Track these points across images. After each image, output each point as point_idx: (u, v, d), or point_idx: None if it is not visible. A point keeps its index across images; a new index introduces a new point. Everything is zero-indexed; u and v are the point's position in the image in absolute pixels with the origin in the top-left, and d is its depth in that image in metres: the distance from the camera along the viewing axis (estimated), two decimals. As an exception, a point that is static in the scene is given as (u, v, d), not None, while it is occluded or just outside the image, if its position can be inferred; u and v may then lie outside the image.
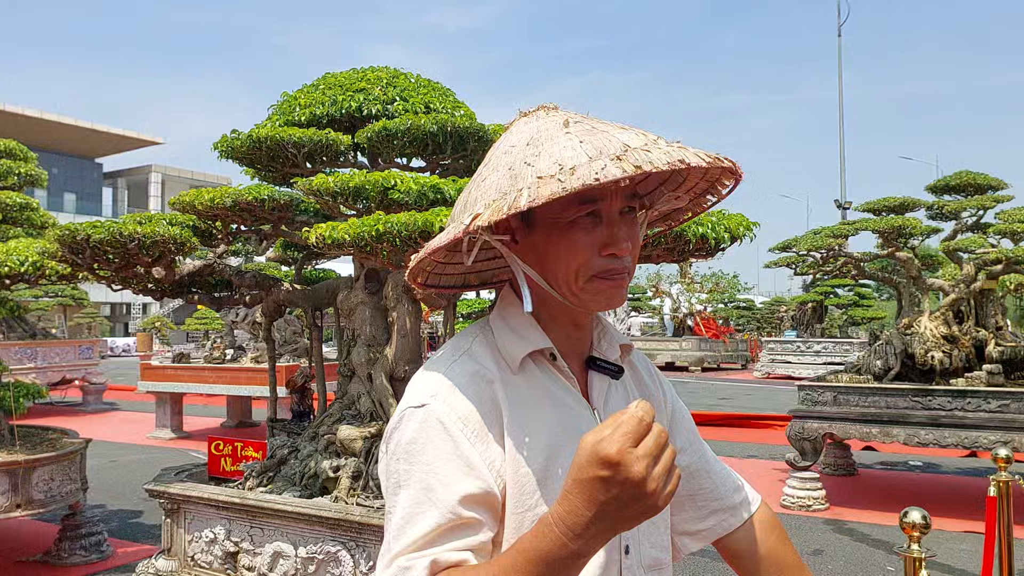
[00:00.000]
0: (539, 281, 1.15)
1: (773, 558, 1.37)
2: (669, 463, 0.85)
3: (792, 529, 6.37)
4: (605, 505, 0.84)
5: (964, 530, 6.18)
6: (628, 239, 1.10)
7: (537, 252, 1.14)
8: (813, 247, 8.03)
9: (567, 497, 0.87)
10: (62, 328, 24.53)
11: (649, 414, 0.85)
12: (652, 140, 1.01)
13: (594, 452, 0.83)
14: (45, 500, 5.23)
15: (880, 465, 9.18)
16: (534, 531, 0.90)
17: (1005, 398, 6.50)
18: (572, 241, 1.09)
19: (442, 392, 1.08)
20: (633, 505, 0.84)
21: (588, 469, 0.84)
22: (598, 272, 1.10)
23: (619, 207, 1.10)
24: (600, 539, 0.87)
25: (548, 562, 0.88)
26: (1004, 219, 7.67)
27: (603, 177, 0.93)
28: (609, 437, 0.83)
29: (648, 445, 0.83)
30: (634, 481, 0.82)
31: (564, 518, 0.86)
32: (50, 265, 4.80)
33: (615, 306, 1.15)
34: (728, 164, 1.05)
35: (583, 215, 1.09)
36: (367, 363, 3.98)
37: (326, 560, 3.53)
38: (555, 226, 1.10)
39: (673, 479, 0.86)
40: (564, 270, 1.11)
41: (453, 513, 1.00)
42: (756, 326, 32.07)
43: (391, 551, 1.01)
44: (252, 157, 3.91)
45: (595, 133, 1.02)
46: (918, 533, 2.40)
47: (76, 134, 45.56)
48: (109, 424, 12.77)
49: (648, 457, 0.83)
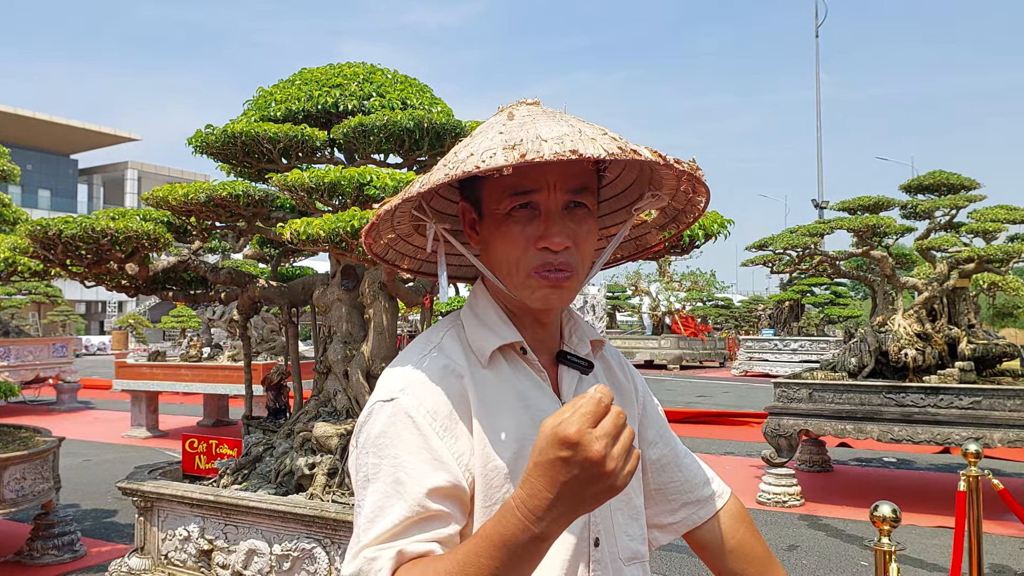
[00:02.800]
0: (486, 272, 1.17)
1: (743, 550, 1.38)
2: (628, 443, 0.86)
3: (767, 525, 6.42)
4: (566, 486, 0.85)
5: (936, 525, 6.26)
6: (564, 234, 1.09)
7: (486, 244, 1.16)
8: (789, 245, 8.09)
9: (528, 480, 0.88)
10: (36, 326, 24.24)
11: (607, 396, 0.86)
12: (576, 131, 0.98)
13: (554, 434, 0.84)
14: (17, 499, 5.16)
15: (855, 461, 9.27)
16: (496, 516, 0.90)
17: (977, 395, 6.58)
18: (508, 232, 1.11)
19: (411, 386, 1.09)
20: (593, 485, 0.85)
21: (548, 451, 0.85)
22: (536, 267, 1.10)
23: (560, 201, 1.10)
24: (562, 521, 0.88)
25: (511, 546, 0.88)
26: (976, 218, 7.77)
27: (484, 165, 0.94)
28: (568, 419, 0.84)
29: (606, 426, 0.84)
30: (593, 460, 0.83)
31: (526, 501, 0.87)
32: (22, 261, 4.74)
33: (555, 307, 1.15)
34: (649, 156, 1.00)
35: (517, 207, 1.10)
36: (343, 360, 3.96)
37: (301, 557, 3.51)
38: (495, 218, 1.12)
39: (632, 459, 0.87)
40: (505, 262, 1.13)
41: (421, 506, 1.01)
42: (734, 324, 32.27)
43: (359, 543, 1.01)
44: (227, 153, 3.88)
45: (524, 126, 1.02)
46: (888, 526, 2.43)
47: (51, 130, 44.95)
48: (83, 423, 12.62)
49: (607, 437, 0.84)
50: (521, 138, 0.97)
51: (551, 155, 0.93)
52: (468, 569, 0.90)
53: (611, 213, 1.31)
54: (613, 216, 1.31)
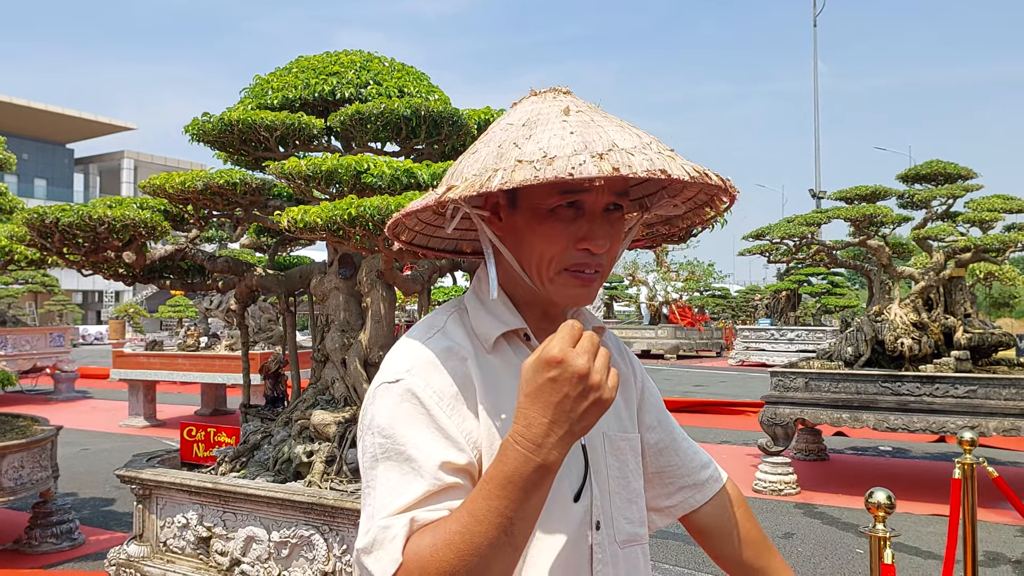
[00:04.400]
0: (511, 262, 1.15)
1: (738, 534, 1.40)
2: (607, 360, 0.91)
3: (763, 513, 6.45)
4: (559, 406, 0.89)
5: (932, 513, 6.30)
6: (606, 237, 1.10)
7: (516, 233, 1.13)
8: (786, 235, 8.10)
9: (521, 412, 0.91)
10: (33, 315, 24.19)
11: (579, 326, 0.91)
12: (645, 143, 1.00)
13: (538, 359, 0.90)
14: (15, 488, 5.17)
15: (851, 450, 9.31)
16: (497, 457, 0.92)
17: (972, 384, 6.61)
18: (550, 229, 1.09)
19: (416, 367, 1.09)
20: (584, 399, 0.89)
21: (536, 376, 0.90)
22: (570, 265, 1.10)
23: (604, 203, 1.10)
24: (561, 447, 0.90)
25: (515, 481, 0.90)
26: (973, 208, 7.78)
27: (577, 173, 0.93)
28: (549, 343, 0.90)
29: (584, 344, 0.90)
30: (580, 373, 0.88)
31: (523, 433, 0.90)
32: (19, 250, 4.73)
33: (581, 304, 1.15)
34: (717, 181, 1.02)
35: (564, 205, 1.08)
36: (341, 348, 3.97)
37: (299, 544, 3.52)
38: (536, 211, 1.10)
39: (613, 374, 0.91)
40: (538, 256, 1.11)
41: (436, 479, 1.01)
42: (731, 314, 32.32)
43: (375, 520, 1.00)
44: (224, 141, 3.87)
45: (590, 126, 1.01)
46: (883, 513, 2.45)
47: (46, 119, 44.76)
48: (81, 412, 12.64)
49: (587, 353, 0.89)
50: (605, 147, 0.96)
51: (644, 172, 0.94)
52: (478, 515, 0.91)
53: None
54: None
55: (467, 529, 0.91)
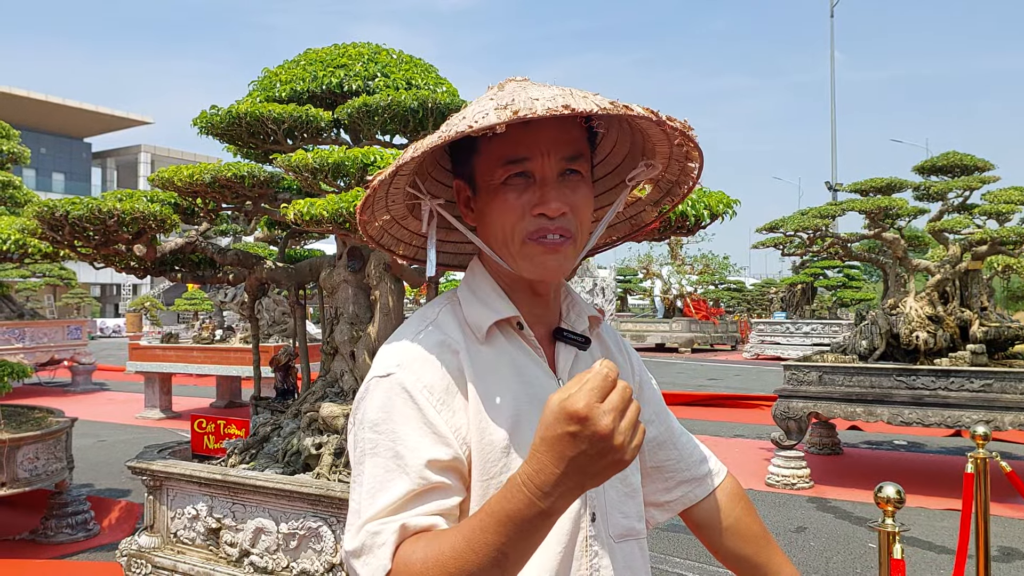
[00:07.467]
0: (482, 247, 1.17)
1: (739, 528, 1.38)
2: (634, 417, 0.86)
3: (776, 507, 6.42)
4: (574, 461, 0.85)
5: (945, 508, 6.24)
6: (560, 200, 1.09)
7: (481, 217, 1.16)
8: (800, 227, 8.04)
9: (535, 456, 0.87)
10: (51, 308, 24.42)
11: (614, 371, 0.85)
12: (568, 92, 1.00)
13: (562, 408, 0.84)
14: (30, 478, 5.23)
15: (865, 444, 9.25)
16: (502, 492, 0.90)
17: (988, 378, 6.54)
18: (503, 202, 1.11)
19: (407, 361, 1.09)
20: (601, 459, 0.85)
21: (556, 426, 0.85)
22: (530, 234, 1.10)
23: (555, 168, 1.11)
24: (568, 497, 0.88)
25: (517, 522, 0.88)
26: (990, 200, 7.68)
27: (477, 124, 0.95)
28: (576, 394, 0.84)
29: (614, 400, 0.84)
30: (602, 435, 0.83)
31: (533, 477, 0.87)
32: (32, 243, 4.77)
33: (552, 276, 1.14)
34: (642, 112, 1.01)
35: (513, 175, 1.10)
36: (350, 341, 3.97)
37: (307, 536, 3.54)
38: (489, 189, 1.13)
39: (639, 433, 0.87)
40: (500, 231, 1.12)
41: (422, 478, 1.01)
42: (746, 307, 32.15)
43: (361, 518, 1.01)
44: (232, 133, 3.87)
45: (516, 92, 1.02)
46: (892, 507, 2.42)
47: (64, 114, 45.12)
48: (97, 404, 12.75)
49: (615, 411, 0.84)
50: (513, 99, 0.98)
51: (544, 111, 0.94)
52: (474, 545, 0.90)
53: (607, 192, 1.30)
54: (608, 195, 1.31)
55: (461, 556, 0.90)
